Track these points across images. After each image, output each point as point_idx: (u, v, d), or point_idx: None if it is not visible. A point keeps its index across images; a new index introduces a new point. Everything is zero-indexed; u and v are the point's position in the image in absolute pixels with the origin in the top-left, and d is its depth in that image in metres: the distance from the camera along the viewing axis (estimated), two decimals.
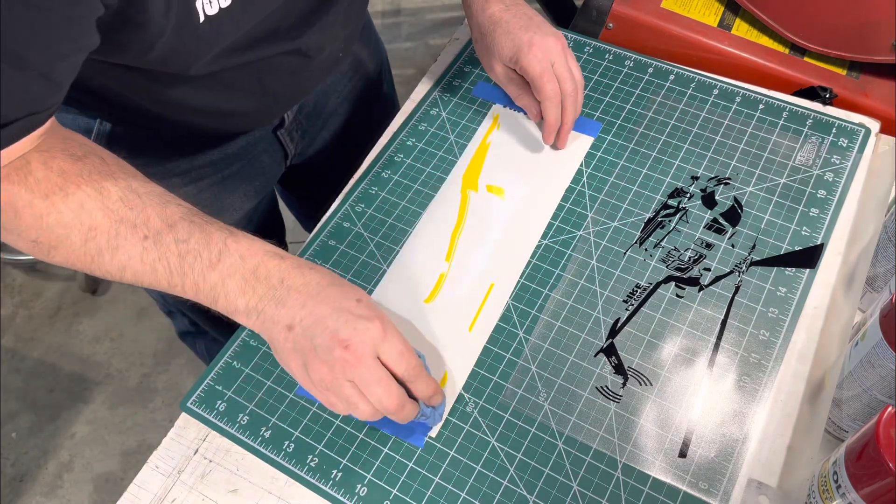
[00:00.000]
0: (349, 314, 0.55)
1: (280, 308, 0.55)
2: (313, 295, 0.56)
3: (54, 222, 0.53)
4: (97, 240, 0.54)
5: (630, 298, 0.68)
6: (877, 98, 0.83)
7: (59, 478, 1.51)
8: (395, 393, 0.55)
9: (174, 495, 0.61)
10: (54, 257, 0.55)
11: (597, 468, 0.59)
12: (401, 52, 2.16)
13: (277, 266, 0.56)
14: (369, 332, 0.54)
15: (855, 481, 0.48)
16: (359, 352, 0.54)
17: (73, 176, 0.53)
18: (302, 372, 0.56)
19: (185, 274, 0.55)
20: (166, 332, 1.70)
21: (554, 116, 0.74)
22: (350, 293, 0.56)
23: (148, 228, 0.54)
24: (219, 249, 0.56)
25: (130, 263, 0.55)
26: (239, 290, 0.56)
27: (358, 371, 0.54)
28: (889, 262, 0.63)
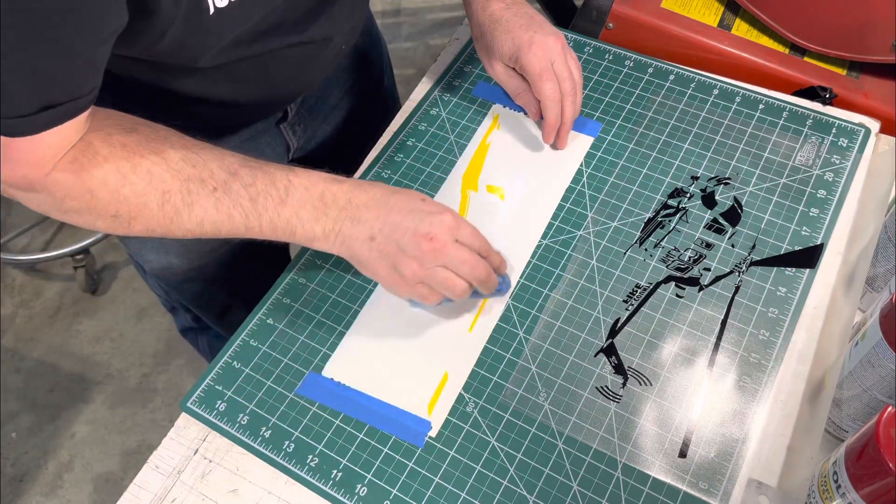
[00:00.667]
0: (421, 212, 0.61)
1: (356, 225, 0.61)
2: (382, 206, 0.62)
3: (130, 193, 0.56)
4: (172, 201, 0.58)
5: (630, 298, 0.68)
6: (877, 98, 0.83)
7: (59, 478, 1.51)
8: (481, 265, 0.63)
9: (174, 495, 0.61)
10: (134, 227, 0.59)
11: (597, 468, 0.59)
12: (401, 52, 2.16)
13: (340, 189, 0.62)
14: (444, 222, 0.61)
15: (855, 481, 0.48)
16: (442, 239, 0.61)
17: (134, 147, 0.56)
18: (392, 275, 0.62)
19: (260, 214, 0.60)
20: (166, 332, 1.70)
21: (553, 116, 0.74)
22: (414, 195, 0.63)
23: (215, 181, 0.59)
24: (284, 186, 0.60)
25: (207, 216, 0.59)
26: (313, 218, 0.61)
27: (447, 255, 0.61)
28: (889, 262, 0.63)
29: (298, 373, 0.66)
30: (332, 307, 0.70)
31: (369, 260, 0.62)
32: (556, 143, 0.78)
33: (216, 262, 0.91)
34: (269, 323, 0.70)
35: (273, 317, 0.70)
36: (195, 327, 1.16)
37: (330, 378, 0.66)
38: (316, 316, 0.70)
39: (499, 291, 0.68)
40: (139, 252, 0.88)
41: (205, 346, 1.19)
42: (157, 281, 0.97)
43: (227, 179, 0.59)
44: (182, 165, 0.58)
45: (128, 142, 0.56)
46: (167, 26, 0.55)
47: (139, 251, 0.88)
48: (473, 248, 0.63)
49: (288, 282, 0.72)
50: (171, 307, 1.12)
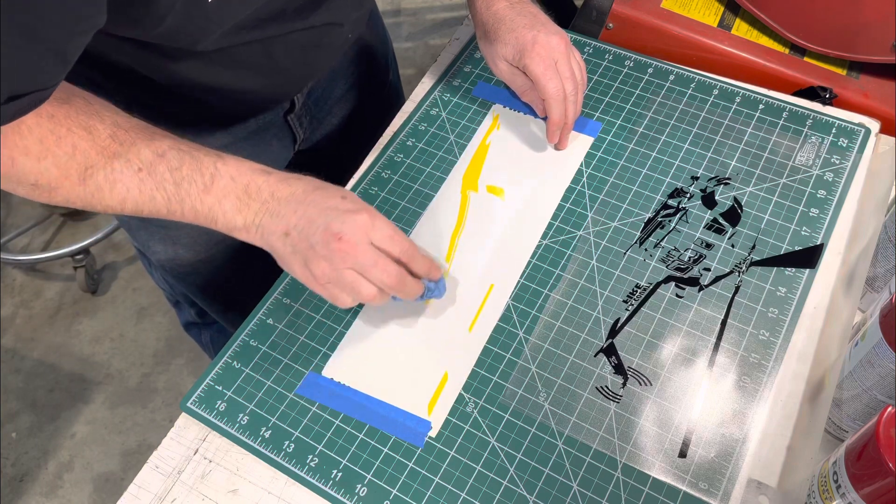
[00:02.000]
0: (336, 210, 0.59)
1: (275, 219, 0.60)
2: (301, 201, 0.60)
3: (51, 164, 0.55)
4: (95, 177, 0.56)
5: (630, 298, 0.68)
6: (877, 98, 0.83)
7: (59, 478, 1.51)
8: (392, 271, 0.60)
9: (174, 495, 0.61)
10: (55, 198, 0.57)
11: (597, 468, 0.59)
12: (401, 52, 2.16)
13: (266, 181, 0.61)
14: (357, 221, 0.59)
15: (855, 481, 0.48)
16: (353, 240, 0.59)
17: (62, 118, 0.55)
18: (304, 272, 0.61)
19: (182, 200, 0.59)
20: (166, 332, 1.70)
21: (558, 115, 0.74)
22: (335, 192, 0.61)
23: (141, 161, 0.57)
24: (210, 173, 0.59)
25: (129, 195, 0.58)
26: (235, 209, 0.60)
27: (355, 258, 0.59)
28: (889, 262, 0.63)
29: (298, 373, 0.66)
30: (332, 307, 0.70)
31: (284, 255, 0.61)
32: (558, 144, 0.78)
33: (223, 253, 0.91)
34: (269, 323, 0.70)
35: (273, 317, 0.70)
36: (199, 322, 1.16)
37: (330, 378, 0.66)
38: (316, 316, 0.70)
39: (426, 297, 0.66)
40: (146, 243, 0.88)
41: (207, 342, 1.19)
42: (163, 273, 0.97)
43: (153, 161, 0.58)
44: (109, 143, 0.57)
45: (56, 113, 0.55)
46: (166, 12, 0.55)
47: (146, 242, 0.88)
48: (391, 252, 0.61)
49: (288, 282, 0.72)
50: (175, 301, 1.13)
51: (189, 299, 1.06)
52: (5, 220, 1.90)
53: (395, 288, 0.61)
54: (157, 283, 1.06)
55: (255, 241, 0.62)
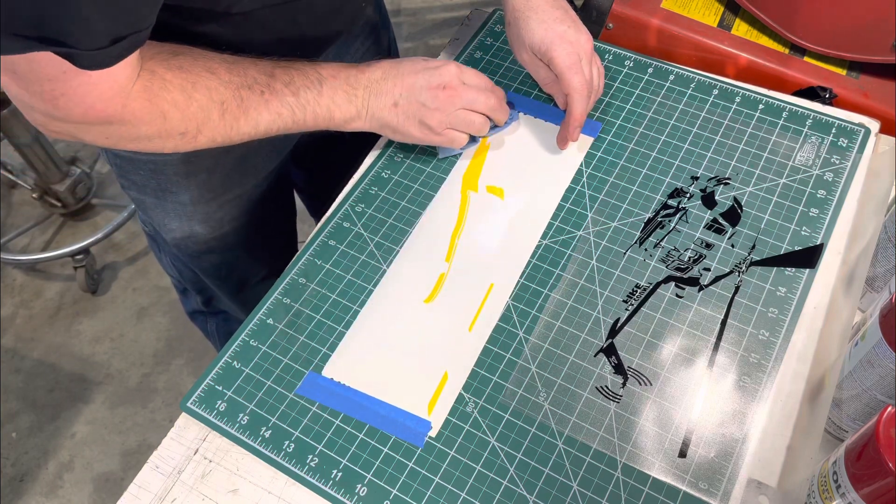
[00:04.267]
0: (428, 70, 0.72)
1: (379, 97, 0.72)
2: (395, 75, 0.72)
3: (196, 109, 0.62)
4: (230, 109, 0.64)
5: (630, 298, 0.68)
6: (877, 98, 0.83)
7: (59, 478, 1.51)
8: (493, 97, 0.74)
9: (174, 495, 0.61)
10: (200, 141, 0.65)
11: (597, 468, 0.59)
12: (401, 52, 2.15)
13: (359, 70, 0.72)
14: (450, 71, 0.72)
15: (855, 481, 0.48)
16: (454, 84, 0.71)
17: (189, 67, 0.62)
18: (421, 129, 0.73)
19: (303, 106, 0.69)
20: (166, 332, 1.70)
21: (580, 110, 0.74)
22: (417, 59, 0.73)
23: (260, 85, 0.66)
24: (316, 77, 0.69)
25: (261, 117, 0.67)
26: (346, 100, 0.71)
27: (462, 97, 0.72)
28: (889, 262, 0.63)
29: (298, 373, 0.66)
30: (332, 307, 0.70)
31: (399, 123, 0.72)
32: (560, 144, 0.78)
33: (237, 231, 0.93)
34: (269, 323, 0.70)
35: (273, 317, 0.70)
36: (204, 311, 1.16)
37: (330, 378, 0.66)
38: (316, 316, 0.70)
39: (510, 122, 0.79)
40: (161, 221, 0.89)
41: (213, 330, 1.19)
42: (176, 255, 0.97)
43: (269, 82, 0.66)
44: (230, 77, 0.64)
45: (182, 63, 0.61)
46: None
47: (162, 220, 0.89)
48: (480, 86, 0.73)
49: (288, 282, 0.72)
50: (182, 289, 1.13)
51: (197, 286, 1.07)
52: (5, 220, 1.90)
53: (498, 110, 0.75)
54: (166, 268, 1.07)
55: (368, 125, 0.73)
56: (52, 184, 1.77)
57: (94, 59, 0.52)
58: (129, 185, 0.86)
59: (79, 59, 0.51)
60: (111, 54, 0.52)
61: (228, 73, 0.64)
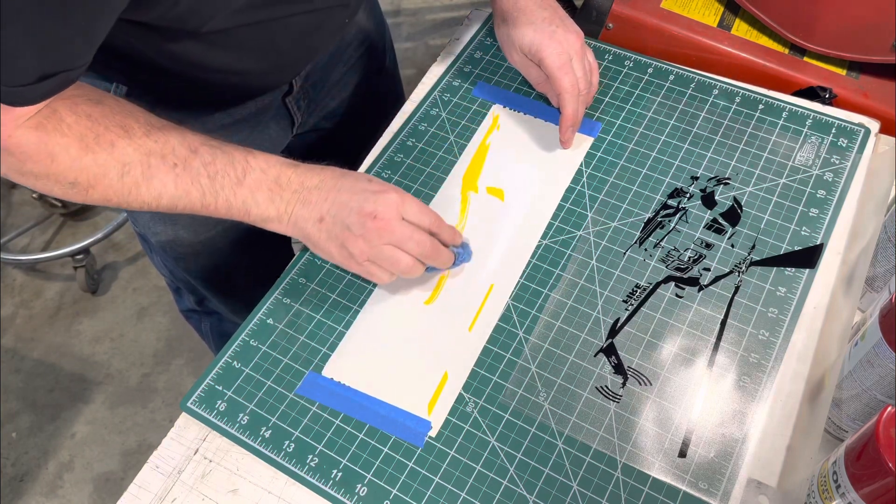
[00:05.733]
0: (366, 192, 0.64)
1: (306, 207, 0.64)
2: (331, 188, 0.64)
3: (91, 162, 0.57)
4: (132, 174, 0.59)
5: (630, 298, 0.68)
6: (877, 98, 0.83)
7: (59, 478, 1.51)
8: (426, 241, 0.65)
9: (174, 495, 0.61)
10: (92, 196, 0.60)
11: (597, 468, 0.59)
12: (401, 52, 2.16)
13: (295, 172, 0.65)
14: (389, 200, 0.63)
15: (854, 481, 0.48)
16: (387, 217, 0.63)
17: (98, 118, 0.58)
18: (342, 253, 0.64)
19: (216, 193, 0.62)
20: (166, 332, 1.70)
21: (572, 109, 0.74)
22: (361, 177, 0.66)
23: (175, 157, 0.60)
24: (242, 167, 0.63)
25: (165, 191, 0.61)
26: (267, 199, 0.64)
27: (391, 233, 0.63)
28: (889, 262, 0.63)
29: (298, 373, 0.66)
30: (332, 307, 0.70)
31: (320, 240, 0.65)
32: (564, 143, 0.78)
33: (222, 235, 0.92)
34: (269, 323, 0.70)
35: (273, 317, 0.70)
36: (198, 311, 1.15)
37: (330, 378, 0.66)
38: (316, 316, 0.70)
39: (458, 263, 0.70)
40: (147, 224, 0.88)
41: (207, 331, 1.19)
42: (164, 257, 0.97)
43: (187, 156, 0.61)
44: (144, 140, 0.59)
45: (93, 112, 0.57)
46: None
47: (147, 223, 0.88)
48: (421, 225, 0.65)
49: (288, 282, 0.72)
50: (175, 287, 1.12)
51: (189, 286, 1.06)
52: (5, 220, 1.90)
53: (431, 256, 0.65)
54: (158, 268, 1.06)
55: (288, 231, 0.65)
56: None
57: (18, 95, 0.51)
58: None
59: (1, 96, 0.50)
60: (37, 91, 0.51)
61: (145, 136, 0.59)
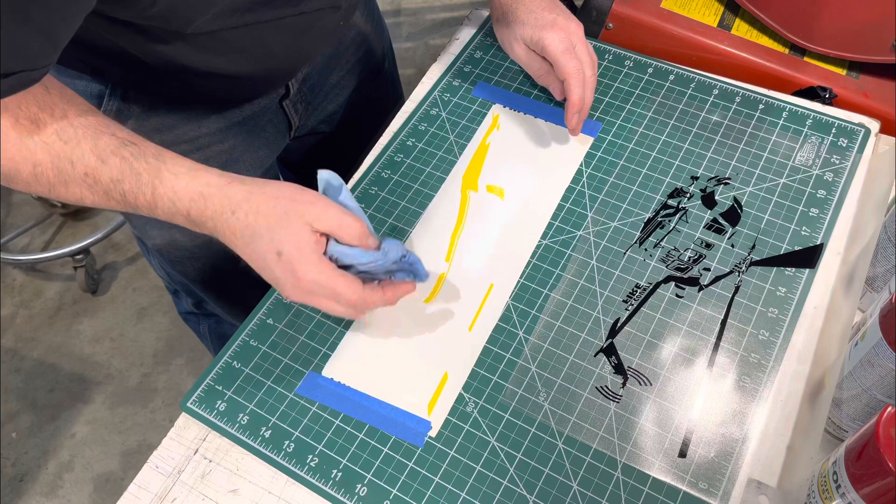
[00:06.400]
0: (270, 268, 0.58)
1: (229, 243, 0.60)
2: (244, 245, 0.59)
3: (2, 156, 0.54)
4: (46, 175, 0.55)
5: (630, 298, 0.68)
6: (877, 98, 0.83)
7: (59, 478, 1.51)
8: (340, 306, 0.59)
9: (174, 495, 0.61)
10: (15, 186, 0.57)
11: (597, 468, 0.59)
12: (401, 52, 2.16)
13: (205, 211, 0.58)
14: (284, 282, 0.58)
15: (855, 481, 0.48)
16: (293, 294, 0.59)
17: (13, 108, 0.53)
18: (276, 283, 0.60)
19: (137, 207, 0.58)
20: (166, 332, 1.70)
21: (577, 95, 0.73)
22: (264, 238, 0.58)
23: (85, 165, 0.56)
24: (151, 192, 0.57)
25: (84, 195, 0.57)
26: (190, 224, 0.59)
27: (315, 301, 0.59)
28: (889, 262, 0.63)
29: (298, 373, 0.66)
30: None
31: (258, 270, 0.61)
32: (572, 130, 0.77)
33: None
34: (269, 323, 0.70)
35: (273, 317, 0.70)
36: (197, 313, 1.15)
37: (330, 378, 0.66)
38: (316, 316, 0.70)
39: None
40: (143, 228, 0.88)
41: (206, 332, 1.19)
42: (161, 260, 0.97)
43: (97, 167, 0.56)
44: (53, 139, 0.54)
45: (9, 104, 0.53)
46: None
47: (143, 227, 0.88)
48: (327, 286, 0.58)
49: None
50: (173, 290, 1.12)
51: (187, 288, 1.06)
52: (5, 220, 1.90)
53: (360, 309, 0.60)
54: (156, 270, 1.06)
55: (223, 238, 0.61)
56: None
57: None
58: None
59: None
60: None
61: (56, 135, 0.55)
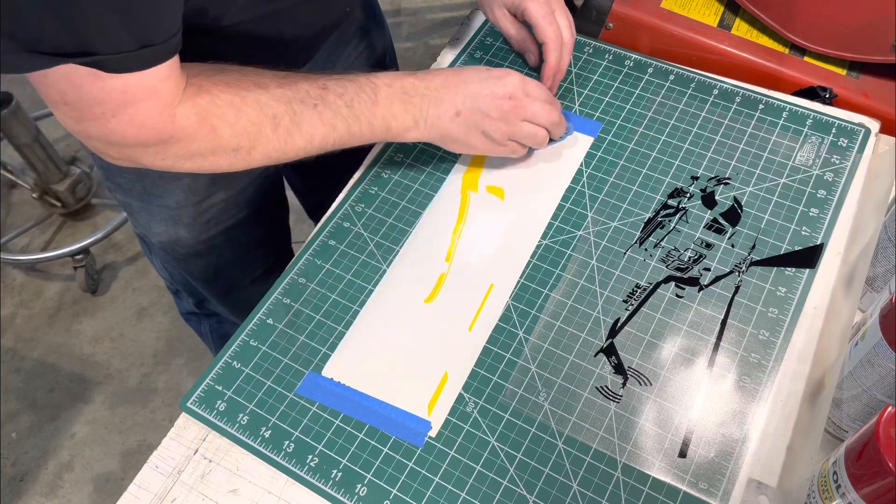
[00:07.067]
0: (492, 78, 0.70)
1: (441, 105, 0.70)
2: (456, 83, 0.70)
3: (247, 123, 0.62)
4: (283, 123, 0.63)
5: (630, 298, 0.68)
6: (877, 98, 0.83)
7: (59, 478, 1.51)
8: (554, 109, 0.73)
9: (174, 495, 0.61)
10: (254, 157, 0.64)
11: (597, 468, 0.59)
12: (401, 52, 2.16)
13: (416, 78, 0.70)
14: (514, 81, 0.71)
15: (855, 481, 0.48)
16: (518, 96, 0.70)
17: (235, 82, 0.61)
18: (483, 140, 0.71)
19: (358, 118, 0.67)
20: (166, 332, 1.70)
21: (555, 59, 0.77)
22: (479, 68, 0.73)
23: (313, 97, 0.65)
24: (371, 88, 0.68)
25: (315, 130, 0.65)
26: (403, 109, 0.69)
27: (526, 109, 0.71)
28: (889, 262, 0.63)
29: (298, 373, 0.66)
30: (332, 307, 0.70)
31: (459, 134, 0.70)
32: None
33: (224, 235, 0.92)
34: (269, 323, 0.70)
35: (273, 317, 0.70)
36: (198, 313, 1.16)
37: (330, 378, 0.66)
38: (316, 316, 0.70)
39: (566, 135, 0.79)
40: (147, 225, 0.88)
41: (207, 332, 1.19)
42: (164, 258, 0.97)
43: (322, 94, 0.65)
44: (282, 91, 0.63)
45: (228, 79, 0.61)
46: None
47: (147, 224, 0.88)
48: (543, 99, 0.72)
49: (288, 282, 0.72)
50: (174, 290, 1.12)
51: (188, 288, 1.07)
52: (5, 220, 1.90)
53: (559, 124, 0.74)
54: (158, 270, 1.06)
55: (426, 135, 0.71)
56: (51, 183, 1.76)
57: (123, 62, 0.52)
58: (114, 188, 0.86)
59: (107, 64, 0.52)
60: (142, 58, 0.53)
61: (279, 87, 0.63)
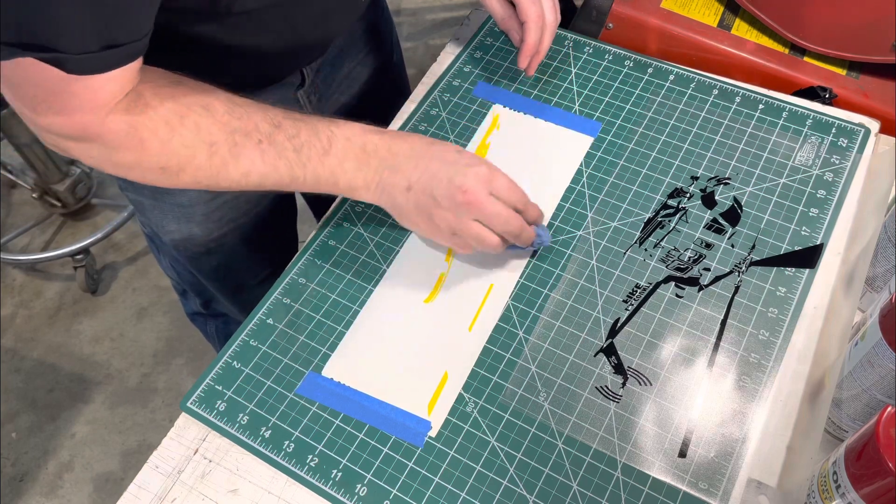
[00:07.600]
0: (457, 164, 0.64)
1: (395, 174, 0.64)
2: (421, 156, 0.64)
3: (178, 145, 0.58)
4: (220, 153, 0.59)
5: (630, 298, 0.68)
6: (877, 98, 0.83)
7: (59, 478, 1.51)
8: (514, 218, 0.65)
9: (174, 495, 0.61)
10: (182, 179, 0.60)
11: (597, 468, 0.59)
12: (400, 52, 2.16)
13: (381, 139, 0.65)
14: (479, 174, 0.63)
15: (854, 481, 0.48)
16: (475, 192, 0.62)
17: (181, 98, 0.58)
18: (428, 224, 0.65)
19: (304, 164, 0.63)
20: (166, 332, 1.70)
21: (533, 39, 0.77)
22: (450, 147, 0.66)
23: (260, 133, 0.61)
24: (327, 136, 0.63)
25: (254, 167, 0.61)
26: (355, 167, 0.64)
27: (479, 209, 0.63)
28: (889, 262, 0.63)
29: (298, 373, 0.67)
30: (332, 307, 0.70)
31: (406, 210, 0.65)
32: (527, 70, 0.80)
33: (235, 233, 0.92)
34: (269, 323, 0.70)
35: (273, 317, 0.70)
36: (204, 313, 1.16)
37: (330, 378, 0.66)
38: (316, 316, 0.70)
39: (537, 244, 0.69)
40: (160, 223, 0.88)
41: (213, 332, 1.19)
42: (175, 257, 0.97)
43: (271, 132, 0.61)
44: (227, 118, 0.59)
45: (175, 94, 0.58)
46: None
47: (160, 222, 0.88)
48: (509, 202, 0.65)
49: (288, 282, 0.72)
50: (181, 290, 1.13)
51: (196, 288, 1.07)
52: (5, 220, 1.90)
53: (517, 235, 0.65)
54: (165, 270, 1.06)
55: (375, 199, 0.66)
56: (52, 184, 1.76)
57: (84, 63, 0.50)
58: (126, 185, 0.86)
59: (67, 64, 0.50)
60: (104, 60, 0.51)
61: (227, 115, 0.60)
